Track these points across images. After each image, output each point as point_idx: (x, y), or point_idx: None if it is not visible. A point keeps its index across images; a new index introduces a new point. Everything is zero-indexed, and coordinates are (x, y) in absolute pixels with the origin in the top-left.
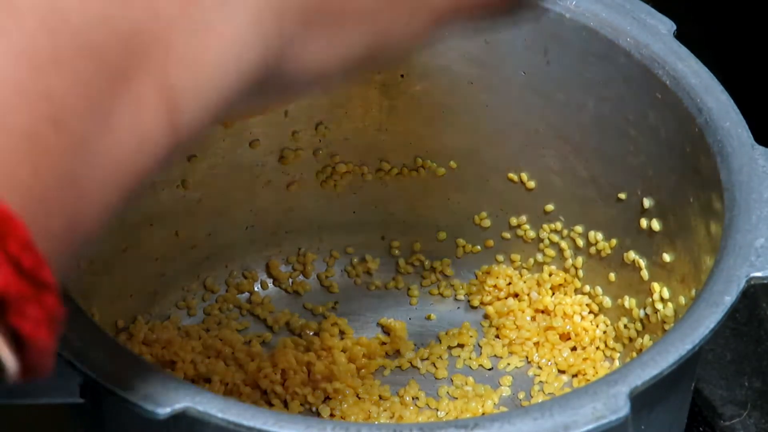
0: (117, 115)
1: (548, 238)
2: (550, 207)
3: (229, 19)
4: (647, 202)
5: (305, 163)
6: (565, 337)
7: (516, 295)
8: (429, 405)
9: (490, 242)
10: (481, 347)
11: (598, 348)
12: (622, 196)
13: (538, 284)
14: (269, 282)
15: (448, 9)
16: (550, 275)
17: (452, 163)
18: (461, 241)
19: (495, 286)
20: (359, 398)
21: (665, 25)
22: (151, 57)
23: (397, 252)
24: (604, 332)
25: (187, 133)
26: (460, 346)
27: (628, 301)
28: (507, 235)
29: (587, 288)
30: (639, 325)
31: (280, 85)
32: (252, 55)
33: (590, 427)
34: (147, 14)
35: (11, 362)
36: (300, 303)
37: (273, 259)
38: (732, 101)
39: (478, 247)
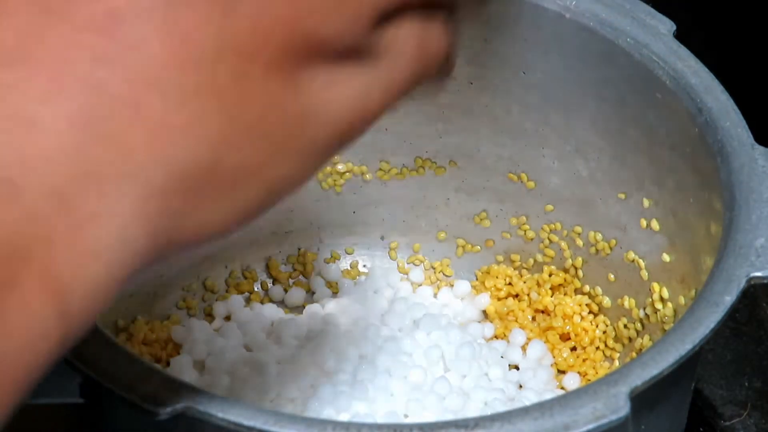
0: (6, 323)
1: (548, 238)
2: (550, 207)
3: (112, 209)
4: (647, 202)
5: None
6: (565, 337)
7: (516, 295)
8: None
9: (490, 242)
10: None
11: (597, 348)
12: (622, 196)
13: (538, 284)
14: (269, 282)
15: (335, 147)
16: (550, 275)
17: (452, 163)
18: (461, 241)
19: (495, 286)
20: None
21: (665, 25)
22: (33, 257)
23: (397, 252)
24: (604, 332)
25: (79, 321)
26: None
27: (628, 301)
28: (507, 235)
29: (587, 288)
30: (639, 325)
31: (177, 251)
32: (138, 239)
33: (590, 426)
34: (23, 218)
35: None
36: None
37: (273, 259)
38: (732, 101)
39: (478, 247)
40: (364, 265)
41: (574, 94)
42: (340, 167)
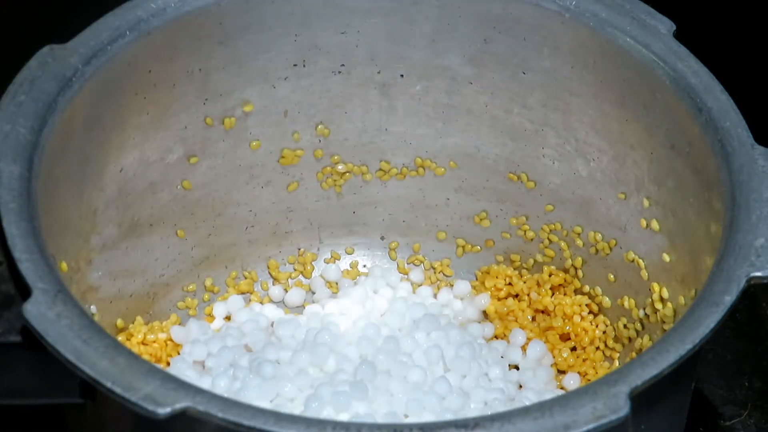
0: None
1: (548, 238)
2: (550, 207)
3: None
4: (647, 202)
5: (305, 163)
6: (565, 337)
7: (516, 295)
8: None
9: (490, 242)
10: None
11: (597, 348)
12: (622, 196)
13: (538, 284)
14: (269, 282)
15: None
16: (550, 275)
17: (452, 163)
18: (461, 241)
19: (495, 286)
20: None
21: (665, 25)
22: None
23: (396, 252)
24: (604, 332)
25: None
26: None
27: (628, 301)
28: (507, 235)
29: (587, 288)
30: (639, 325)
31: None
32: None
33: (590, 426)
34: None
35: None
36: None
37: (273, 259)
38: (732, 101)
39: (478, 247)
40: (364, 265)
41: (574, 94)
42: (340, 167)
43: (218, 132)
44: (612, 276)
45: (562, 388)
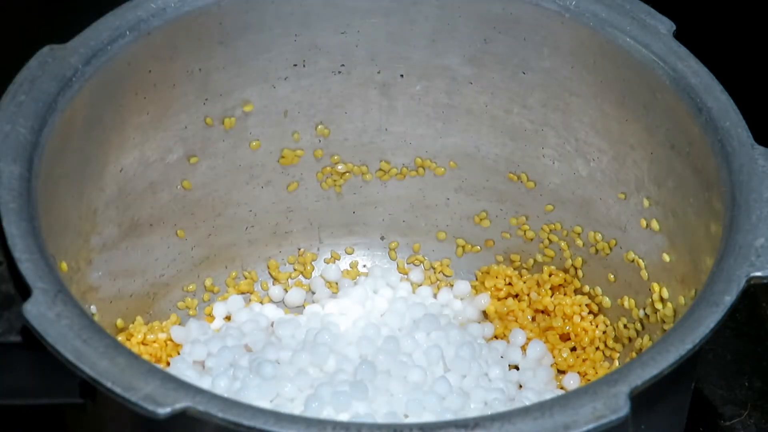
0: None
1: (548, 238)
2: (550, 207)
3: None
4: (647, 202)
5: (305, 163)
6: (565, 337)
7: (516, 296)
8: None
9: (490, 242)
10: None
11: (597, 348)
12: (622, 196)
13: (538, 284)
14: (269, 282)
15: None
16: (550, 275)
17: (452, 163)
18: (461, 241)
19: (495, 286)
20: None
21: (665, 25)
22: None
23: (397, 252)
24: (604, 332)
25: None
26: None
27: (628, 301)
28: (507, 235)
29: (587, 288)
30: (639, 325)
31: None
32: None
33: (590, 426)
34: None
35: None
36: None
37: (273, 259)
38: (732, 101)
39: (478, 247)
40: (364, 265)
41: (574, 94)
42: (340, 167)
43: (218, 132)
44: (612, 276)
45: (562, 388)
